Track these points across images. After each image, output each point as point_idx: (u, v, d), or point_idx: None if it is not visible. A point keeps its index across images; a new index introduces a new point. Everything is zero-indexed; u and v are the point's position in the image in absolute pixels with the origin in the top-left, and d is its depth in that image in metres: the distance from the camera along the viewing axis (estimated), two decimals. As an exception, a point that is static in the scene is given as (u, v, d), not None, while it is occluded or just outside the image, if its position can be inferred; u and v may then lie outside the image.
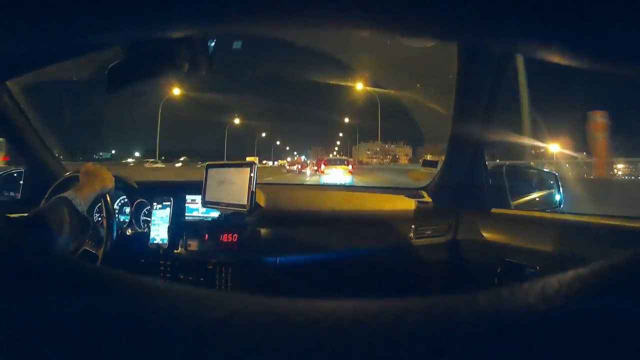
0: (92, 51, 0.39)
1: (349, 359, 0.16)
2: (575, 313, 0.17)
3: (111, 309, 0.19)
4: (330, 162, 16.18)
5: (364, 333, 0.17)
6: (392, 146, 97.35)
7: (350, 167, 15.48)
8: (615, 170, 13.50)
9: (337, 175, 14.32)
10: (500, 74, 1.23)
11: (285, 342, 0.17)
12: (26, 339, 0.17)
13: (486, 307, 0.18)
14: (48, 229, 0.83)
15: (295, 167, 35.98)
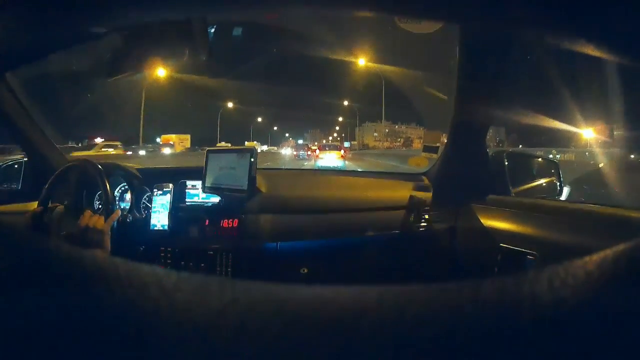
0: (92, 40, 0.38)
1: (350, 347, 0.16)
2: (582, 303, 0.17)
3: (110, 297, 0.19)
4: (324, 148, 18.06)
5: (365, 320, 0.17)
6: (402, 127, 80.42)
7: (342, 152, 17.25)
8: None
9: (331, 159, 15.87)
10: (505, 57, 1.21)
11: (286, 329, 0.17)
12: (25, 330, 0.17)
13: (490, 296, 0.18)
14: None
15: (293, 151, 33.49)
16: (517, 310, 0.17)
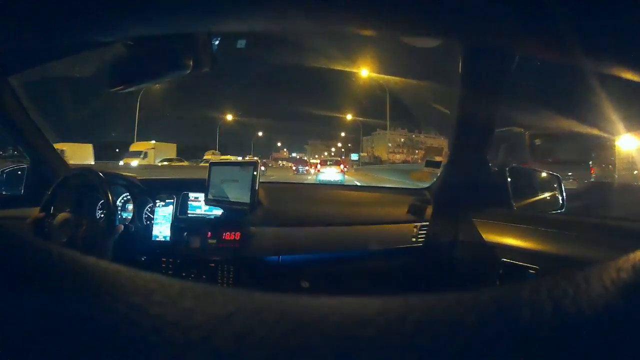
0: (95, 48, 0.39)
1: (352, 355, 0.16)
2: (581, 313, 0.17)
3: (113, 304, 0.19)
4: (325, 163, 19.40)
5: (367, 329, 0.17)
6: (421, 136, 66.03)
7: (342, 166, 18.65)
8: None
9: (331, 173, 17.02)
10: (506, 71, 1.22)
11: (288, 339, 0.17)
12: (27, 336, 0.17)
13: (490, 306, 0.18)
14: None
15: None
16: (516, 320, 0.17)
